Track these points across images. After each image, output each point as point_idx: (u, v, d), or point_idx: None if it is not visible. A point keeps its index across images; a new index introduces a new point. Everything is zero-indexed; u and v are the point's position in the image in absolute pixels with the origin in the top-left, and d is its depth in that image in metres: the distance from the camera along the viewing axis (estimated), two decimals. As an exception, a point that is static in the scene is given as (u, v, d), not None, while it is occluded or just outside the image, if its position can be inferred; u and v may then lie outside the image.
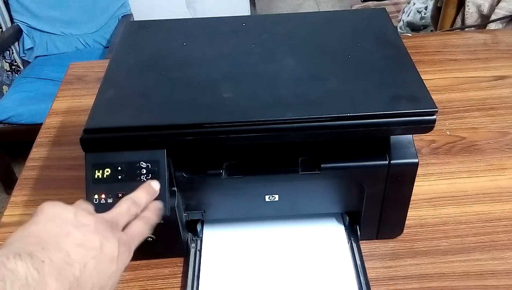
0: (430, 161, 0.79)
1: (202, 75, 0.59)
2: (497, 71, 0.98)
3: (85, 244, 0.39)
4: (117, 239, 0.42)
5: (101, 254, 0.40)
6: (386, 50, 0.62)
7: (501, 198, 0.72)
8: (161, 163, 0.54)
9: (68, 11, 2.22)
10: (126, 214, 0.47)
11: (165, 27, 0.71)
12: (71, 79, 1.04)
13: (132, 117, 0.54)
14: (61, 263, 0.37)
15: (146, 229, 0.48)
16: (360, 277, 0.61)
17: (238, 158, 0.59)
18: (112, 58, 0.64)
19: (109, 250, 0.41)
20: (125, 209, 0.47)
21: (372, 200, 0.61)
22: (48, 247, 0.37)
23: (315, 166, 0.58)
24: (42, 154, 0.84)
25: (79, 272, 0.38)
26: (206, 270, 0.63)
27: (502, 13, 1.21)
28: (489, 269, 0.62)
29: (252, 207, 0.64)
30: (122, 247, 0.42)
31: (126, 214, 0.47)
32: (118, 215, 0.46)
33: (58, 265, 0.37)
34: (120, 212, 0.46)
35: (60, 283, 0.36)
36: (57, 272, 0.36)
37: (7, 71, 2.11)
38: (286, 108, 0.53)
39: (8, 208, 0.74)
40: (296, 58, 0.62)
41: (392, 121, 0.53)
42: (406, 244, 0.66)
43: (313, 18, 0.73)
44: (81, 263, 0.38)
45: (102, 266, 0.40)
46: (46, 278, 0.35)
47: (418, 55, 1.04)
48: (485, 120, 0.86)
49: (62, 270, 0.37)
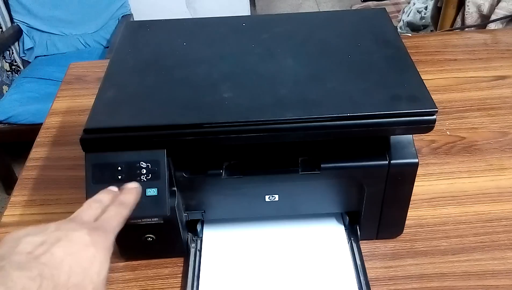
0: (430, 161, 0.79)
1: (202, 75, 0.59)
2: (497, 71, 0.98)
3: (47, 241, 0.39)
4: (84, 228, 0.42)
5: (69, 242, 0.39)
6: (386, 50, 0.62)
7: (501, 198, 0.72)
8: (161, 163, 0.54)
9: (68, 11, 2.22)
10: (87, 209, 0.46)
11: (165, 27, 0.71)
12: (71, 79, 1.04)
13: (132, 117, 0.54)
14: (23, 258, 0.37)
15: (122, 211, 0.47)
16: (360, 277, 0.61)
17: (238, 158, 0.59)
18: (112, 58, 0.64)
19: (76, 238, 0.40)
20: (85, 207, 0.46)
21: (372, 200, 0.61)
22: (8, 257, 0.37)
23: (315, 166, 0.58)
24: (42, 154, 0.84)
25: (46, 260, 0.37)
26: (206, 270, 0.63)
27: (502, 13, 1.20)
28: (489, 269, 0.62)
29: (252, 207, 0.64)
30: (94, 232, 0.42)
31: (87, 209, 0.46)
32: (78, 212, 0.46)
33: (19, 261, 0.36)
34: (81, 210, 0.46)
35: (24, 272, 0.35)
36: (17, 265, 0.36)
37: (7, 71, 2.11)
38: (286, 108, 0.53)
39: (8, 208, 0.74)
40: (296, 58, 0.62)
41: (392, 121, 0.53)
42: (406, 244, 0.66)
43: (313, 18, 0.73)
44: (47, 254, 0.38)
45: (74, 251, 0.39)
46: (9, 271, 0.35)
47: (418, 55, 1.04)
48: (485, 120, 0.86)
49: (24, 263, 0.36)
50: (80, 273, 0.38)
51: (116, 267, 0.64)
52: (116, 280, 0.63)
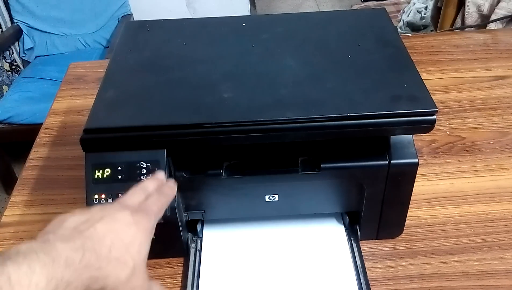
0: (430, 161, 0.79)
1: (202, 75, 0.59)
2: (497, 71, 0.98)
3: (91, 219, 0.41)
4: (128, 209, 0.43)
5: (112, 220, 0.41)
6: (386, 50, 0.62)
7: (501, 198, 0.72)
8: (161, 163, 0.54)
9: (68, 11, 2.21)
10: (132, 194, 0.47)
11: (165, 27, 0.71)
12: (71, 79, 1.04)
13: (132, 117, 0.54)
14: (68, 232, 0.39)
15: (163, 199, 0.49)
16: (360, 277, 0.61)
17: (238, 158, 0.59)
18: (112, 58, 0.64)
19: (119, 217, 0.42)
20: (129, 193, 0.48)
21: (372, 200, 0.61)
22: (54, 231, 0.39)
23: (315, 166, 0.58)
24: (42, 154, 0.84)
25: (89, 234, 0.39)
26: (206, 270, 0.63)
27: (502, 13, 1.20)
28: (489, 269, 0.62)
29: (252, 207, 0.64)
30: (136, 214, 0.43)
31: (132, 194, 0.47)
32: (123, 197, 0.47)
33: (63, 234, 0.38)
34: (125, 195, 0.47)
35: (68, 243, 0.37)
36: (61, 237, 0.38)
37: (7, 71, 2.11)
38: (286, 108, 0.53)
39: (8, 208, 0.74)
40: (296, 58, 0.62)
41: (392, 121, 0.53)
42: (406, 244, 0.66)
43: (313, 18, 0.73)
44: (90, 229, 0.39)
45: (116, 228, 0.41)
46: (54, 243, 0.36)
47: (418, 55, 1.04)
48: (485, 120, 0.86)
49: (68, 236, 0.38)
50: (121, 248, 0.40)
51: (116, 267, 0.64)
52: (116, 280, 0.63)
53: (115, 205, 0.44)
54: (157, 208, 0.47)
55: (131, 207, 0.44)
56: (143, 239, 0.42)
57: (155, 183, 0.50)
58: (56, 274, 0.34)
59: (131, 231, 0.41)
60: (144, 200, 0.47)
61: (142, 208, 0.45)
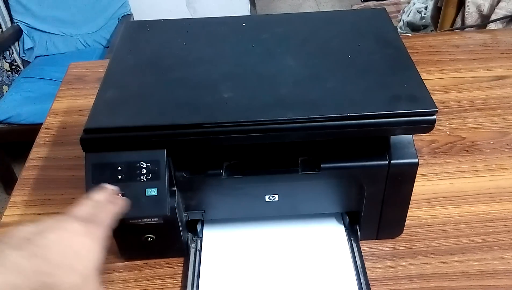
0: (430, 161, 0.79)
1: (202, 75, 0.59)
2: (497, 71, 0.98)
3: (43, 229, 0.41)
4: (78, 220, 0.44)
5: (63, 230, 0.42)
6: (386, 50, 0.62)
7: (501, 198, 0.72)
8: (161, 163, 0.54)
9: (68, 11, 2.22)
10: (81, 206, 0.48)
11: (165, 27, 0.71)
12: (71, 79, 1.04)
13: (132, 117, 0.54)
14: (19, 242, 0.40)
15: (112, 209, 0.49)
16: (360, 277, 0.61)
17: (238, 158, 0.59)
18: (112, 58, 0.64)
19: (70, 227, 0.43)
20: (79, 204, 0.48)
21: (372, 200, 0.61)
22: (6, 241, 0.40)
23: (315, 166, 0.58)
24: (42, 154, 0.84)
25: (40, 242, 0.40)
26: (206, 270, 0.63)
27: (502, 13, 1.20)
28: (489, 269, 0.62)
29: (252, 207, 0.64)
30: (86, 224, 0.44)
31: (81, 206, 0.48)
32: (72, 209, 0.47)
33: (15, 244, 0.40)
34: (74, 207, 0.48)
35: (19, 251, 0.39)
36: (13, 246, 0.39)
37: (7, 71, 2.11)
38: (286, 108, 0.53)
39: (8, 208, 0.74)
40: (296, 58, 0.62)
41: (392, 121, 0.53)
42: (406, 244, 0.66)
43: (313, 18, 0.73)
44: (41, 238, 0.40)
45: (67, 236, 0.42)
46: (5, 252, 0.38)
47: (418, 55, 1.04)
48: (485, 120, 0.86)
49: (19, 245, 0.39)
50: (71, 256, 0.41)
51: (116, 267, 0.64)
52: (116, 280, 0.63)
53: (64, 217, 0.45)
54: (106, 218, 0.48)
55: (81, 218, 0.45)
56: (94, 248, 0.43)
57: (102, 194, 0.51)
58: (8, 279, 0.37)
59: (81, 240, 0.43)
60: (93, 211, 0.48)
61: (92, 218, 0.46)
